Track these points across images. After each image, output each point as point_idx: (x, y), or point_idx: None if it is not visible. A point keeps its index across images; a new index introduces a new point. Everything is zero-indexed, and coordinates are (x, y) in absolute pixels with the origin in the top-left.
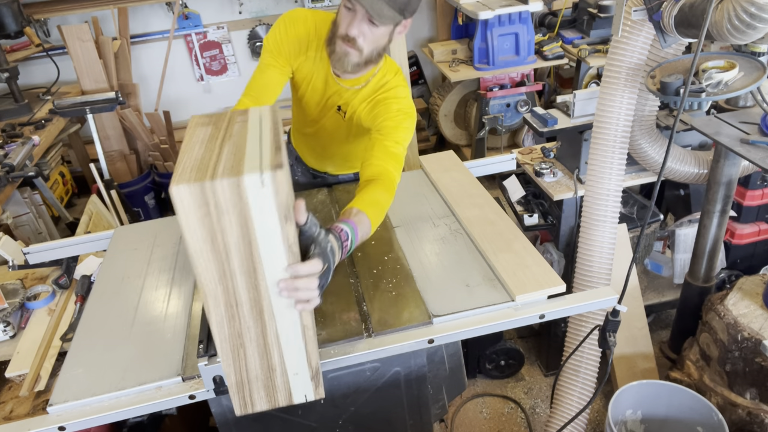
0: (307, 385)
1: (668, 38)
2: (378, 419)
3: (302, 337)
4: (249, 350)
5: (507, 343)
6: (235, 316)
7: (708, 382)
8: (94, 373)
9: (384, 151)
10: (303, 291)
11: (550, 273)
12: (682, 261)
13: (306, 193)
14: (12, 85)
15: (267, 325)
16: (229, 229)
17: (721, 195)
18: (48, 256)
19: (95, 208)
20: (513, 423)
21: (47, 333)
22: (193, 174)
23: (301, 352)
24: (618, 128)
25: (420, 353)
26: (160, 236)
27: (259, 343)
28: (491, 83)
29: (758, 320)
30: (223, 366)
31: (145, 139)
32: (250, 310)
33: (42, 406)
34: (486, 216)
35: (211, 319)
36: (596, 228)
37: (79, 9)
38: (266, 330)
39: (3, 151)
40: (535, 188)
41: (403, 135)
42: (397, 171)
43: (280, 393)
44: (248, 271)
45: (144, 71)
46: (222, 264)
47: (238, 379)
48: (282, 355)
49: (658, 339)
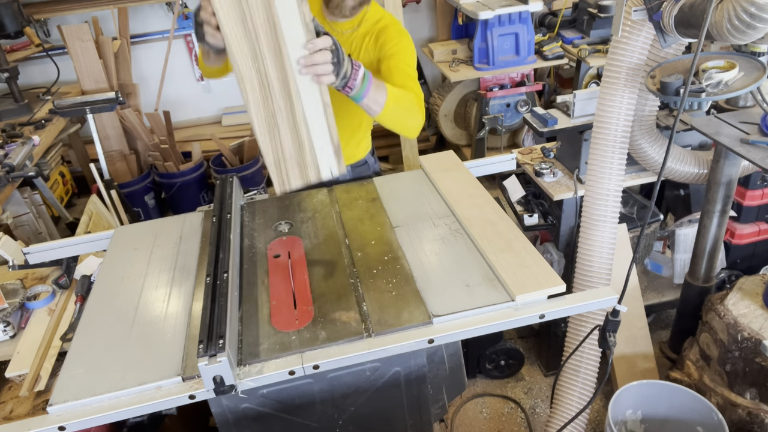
0: (332, 160)
1: (668, 38)
2: (378, 419)
3: (324, 114)
4: (282, 129)
5: (507, 343)
6: (267, 97)
7: (708, 382)
8: (94, 373)
9: (402, 73)
10: (320, 65)
11: (550, 273)
12: (682, 261)
13: (306, 194)
14: (12, 85)
15: (295, 104)
16: (256, 11)
17: (721, 195)
18: (48, 256)
19: (95, 208)
20: (513, 423)
21: (47, 333)
22: None
23: (324, 128)
24: (618, 128)
25: (420, 353)
26: (160, 236)
27: (289, 120)
28: (491, 83)
29: (758, 320)
30: (262, 147)
31: (145, 139)
32: (280, 90)
33: (42, 406)
34: (486, 216)
35: (249, 104)
36: (596, 228)
37: (79, 9)
38: (294, 108)
39: (3, 151)
40: (535, 188)
41: (411, 56)
42: (419, 90)
43: (310, 168)
44: (275, 50)
45: (144, 71)
46: (253, 45)
47: (275, 158)
48: (309, 131)
49: (658, 339)
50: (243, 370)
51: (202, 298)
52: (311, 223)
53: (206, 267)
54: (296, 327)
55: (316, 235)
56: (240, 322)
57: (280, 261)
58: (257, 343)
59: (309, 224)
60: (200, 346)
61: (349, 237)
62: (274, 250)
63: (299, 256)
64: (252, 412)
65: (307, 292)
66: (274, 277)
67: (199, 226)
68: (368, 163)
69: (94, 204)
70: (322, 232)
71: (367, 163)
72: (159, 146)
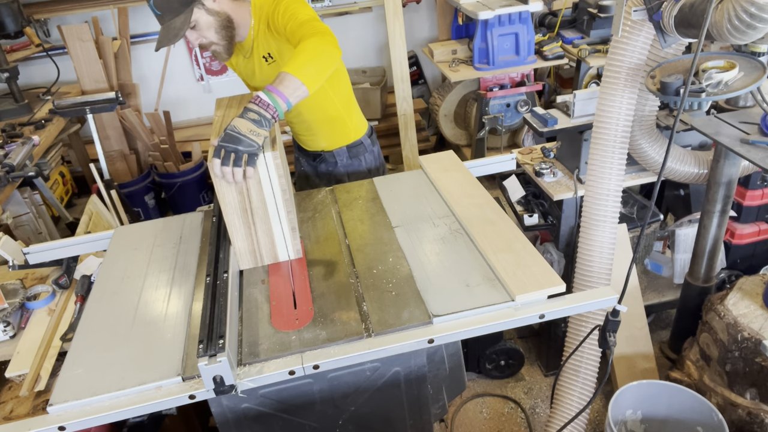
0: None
1: (668, 38)
2: (378, 419)
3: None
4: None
5: (507, 343)
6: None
7: (708, 382)
8: (94, 373)
9: (300, 25)
10: (228, 174)
11: (550, 273)
12: (682, 261)
13: (306, 193)
14: (12, 85)
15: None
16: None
17: (721, 195)
18: (48, 256)
19: (95, 208)
20: (513, 423)
21: (47, 333)
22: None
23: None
24: (618, 128)
25: (420, 353)
26: (160, 236)
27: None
28: (491, 83)
29: (758, 320)
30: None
31: (145, 139)
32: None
33: (42, 406)
34: (486, 216)
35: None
36: (596, 228)
37: (79, 9)
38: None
39: (3, 151)
40: (535, 188)
41: (297, 7)
42: (314, 24)
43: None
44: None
45: (144, 71)
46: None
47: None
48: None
49: (658, 339)
50: (243, 370)
51: (202, 298)
52: (311, 223)
53: (206, 267)
54: (296, 327)
55: (316, 235)
56: (240, 322)
57: (280, 261)
58: (257, 343)
59: (309, 224)
60: (200, 346)
61: (349, 237)
62: None
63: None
64: (252, 412)
65: (307, 292)
66: (274, 277)
67: (199, 226)
68: (364, 144)
69: (94, 204)
70: (322, 232)
71: (363, 144)
72: (159, 146)
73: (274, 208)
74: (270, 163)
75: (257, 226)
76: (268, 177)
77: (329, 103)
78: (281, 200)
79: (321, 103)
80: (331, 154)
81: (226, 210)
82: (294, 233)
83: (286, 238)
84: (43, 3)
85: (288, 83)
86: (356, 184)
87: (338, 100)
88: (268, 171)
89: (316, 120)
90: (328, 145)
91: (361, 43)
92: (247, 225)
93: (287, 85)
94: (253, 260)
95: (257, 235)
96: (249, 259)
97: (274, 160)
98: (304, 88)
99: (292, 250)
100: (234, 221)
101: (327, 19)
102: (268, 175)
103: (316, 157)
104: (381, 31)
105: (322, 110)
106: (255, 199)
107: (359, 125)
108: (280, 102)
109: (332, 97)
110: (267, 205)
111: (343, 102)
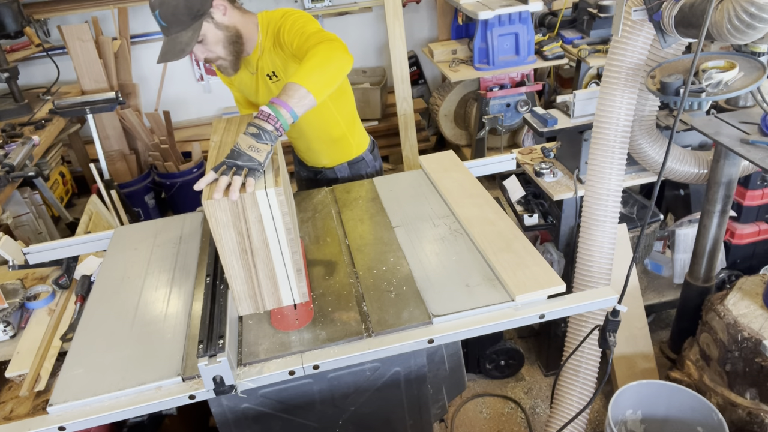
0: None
1: (668, 38)
2: (378, 419)
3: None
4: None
5: (507, 343)
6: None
7: (708, 382)
8: (94, 373)
9: (306, 38)
10: (232, 192)
11: (550, 273)
12: (682, 261)
13: (306, 193)
14: (12, 85)
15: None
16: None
17: (721, 195)
18: (48, 256)
19: (95, 208)
20: (513, 423)
21: (47, 333)
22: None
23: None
24: (618, 128)
25: (420, 353)
26: (160, 236)
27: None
28: (491, 83)
29: (758, 320)
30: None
31: (145, 139)
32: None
33: (42, 406)
34: (486, 216)
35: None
36: (596, 228)
37: (79, 9)
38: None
39: (3, 151)
40: (535, 188)
41: (300, 19)
42: (321, 34)
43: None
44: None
45: (144, 71)
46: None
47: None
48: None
49: (658, 339)
50: (243, 370)
51: (202, 298)
52: (311, 223)
53: (206, 267)
54: (296, 327)
55: (316, 235)
56: (240, 322)
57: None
58: (257, 343)
59: (309, 224)
60: (200, 346)
61: (349, 237)
62: None
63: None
64: (252, 412)
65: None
66: None
67: (199, 226)
68: (366, 160)
69: (94, 204)
70: (322, 232)
71: (365, 160)
72: (159, 146)
73: (278, 249)
74: (273, 200)
75: (258, 269)
76: (270, 215)
77: (333, 122)
78: (285, 240)
79: (324, 122)
80: (332, 170)
81: (223, 251)
82: (299, 275)
83: (291, 281)
84: (43, 3)
85: (292, 93)
86: (356, 184)
87: (342, 118)
88: (271, 209)
89: (318, 139)
90: (329, 163)
91: (361, 43)
92: (246, 267)
93: (291, 94)
94: (254, 305)
95: (258, 278)
96: (249, 303)
97: (278, 196)
98: (311, 97)
99: (297, 293)
100: (232, 263)
101: (327, 19)
102: (270, 213)
103: (318, 173)
104: (381, 31)
105: (325, 130)
106: (256, 239)
107: (361, 141)
108: (283, 113)
109: (336, 115)
110: (269, 245)
111: (347, 120)
